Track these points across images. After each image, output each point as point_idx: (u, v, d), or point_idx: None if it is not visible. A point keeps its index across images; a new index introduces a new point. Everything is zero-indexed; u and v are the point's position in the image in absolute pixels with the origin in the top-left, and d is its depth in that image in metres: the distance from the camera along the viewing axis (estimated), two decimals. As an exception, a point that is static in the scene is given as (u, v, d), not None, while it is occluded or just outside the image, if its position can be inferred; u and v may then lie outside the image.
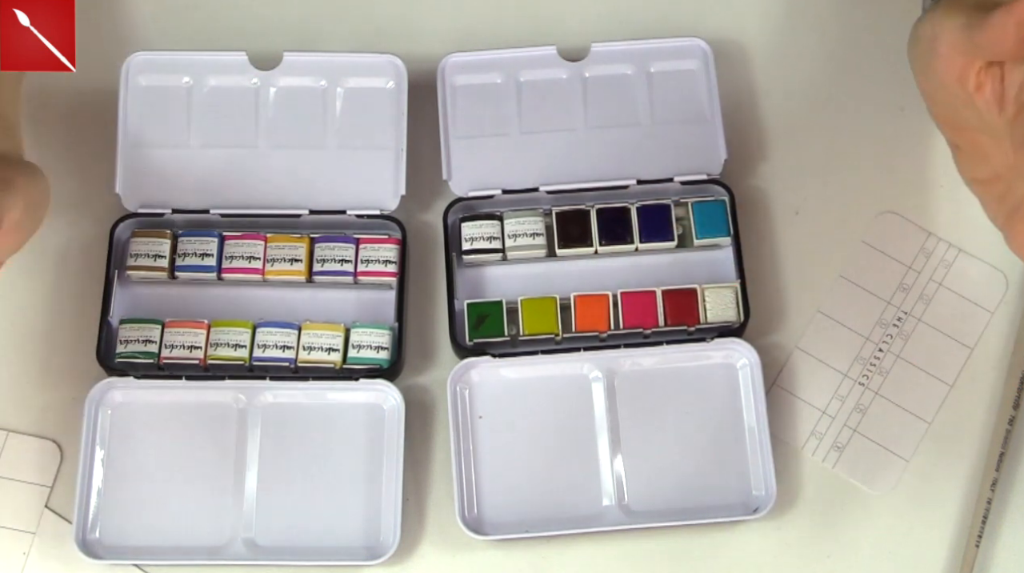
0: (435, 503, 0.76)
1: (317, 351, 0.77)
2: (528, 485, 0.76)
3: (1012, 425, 0.76)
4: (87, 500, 0.75)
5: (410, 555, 0.76)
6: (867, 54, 0.85)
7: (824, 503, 0.76)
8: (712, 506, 0.75)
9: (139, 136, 0.81)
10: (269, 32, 0.85)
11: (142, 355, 0.77)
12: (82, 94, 0.84)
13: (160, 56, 0.81)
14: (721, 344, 0.77)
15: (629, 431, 0.76)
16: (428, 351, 0.80)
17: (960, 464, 0.77)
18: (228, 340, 0.77)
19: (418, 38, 0.85)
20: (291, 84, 0.82)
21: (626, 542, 0.75)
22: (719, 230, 0.79)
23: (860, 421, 0.78)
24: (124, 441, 0.77)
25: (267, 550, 0.75)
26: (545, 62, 0.82)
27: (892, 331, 0.79)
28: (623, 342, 0.77)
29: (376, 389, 0.77)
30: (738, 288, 0.78)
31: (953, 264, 0.80)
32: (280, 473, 0.76)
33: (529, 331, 0.77)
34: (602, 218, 0.79)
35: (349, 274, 0.79)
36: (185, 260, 0.79)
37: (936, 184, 0.82)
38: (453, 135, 0.80)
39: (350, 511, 0.75)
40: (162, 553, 0.75)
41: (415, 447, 0.77)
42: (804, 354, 0.79)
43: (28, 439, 0.77)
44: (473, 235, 0.79)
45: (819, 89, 0.84)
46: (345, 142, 0.81)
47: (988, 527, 0.75)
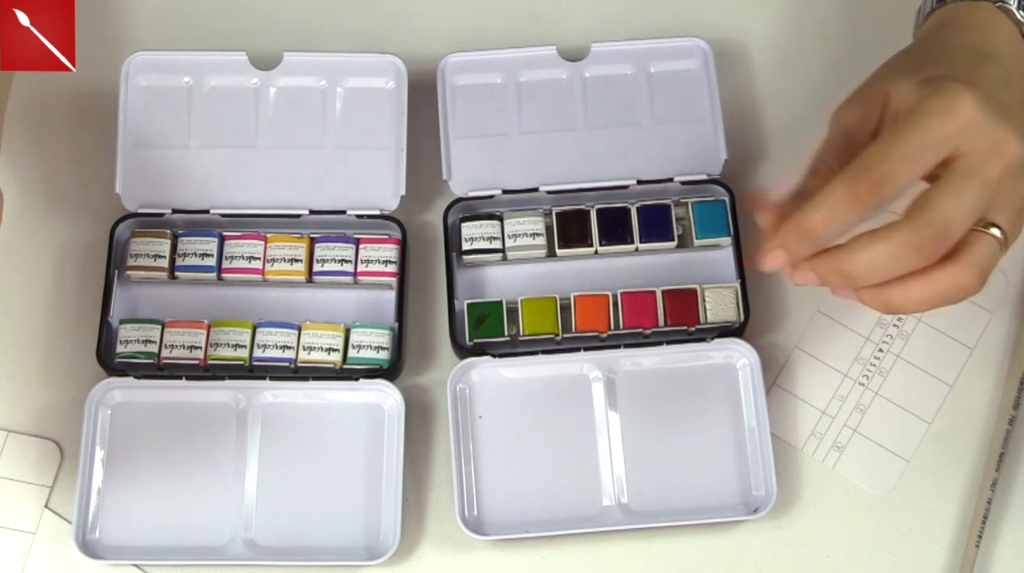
0: (435, 503, 0.76)
1: (317, 351, 0.77)
2: (528, 485, 0.76)
3: (1012, 425, 0.76)
4: (87, 500, 0.75)
5: (410, 555, 0.76)
6: (867, 54, 0.85)
7: (824, 503, 0.76)
8: (712, 506, 0.75)
9: (139, 136, 0.81)
10: (269, 32, 0.85)
11: (142, 355, 0.77)
12: (82, 94, 0.84)
13: (160, 56, 0.81)
14: (721, 344, 0.77)
15: (629, 431, 0.76)
16: (428, 351, 0.80)
17: (960, 464, 0.77)
18: (228, 340, 0.77)
19: (418, 38, 0.85)
20: (291, 84, 0.82)
21: (626, 542, 0.75)
22: (719, 230, 0.79)
23: (860, 421, 0.78)
24: (124, 441, 0.77)
25: (267, 550, 0.75)
26: (545, 62, 0.82)
27: (892, 331, 0.79)
28: (623, 342, 0.77)
29: (376, 389, 0.77)
30: (738, 288, 0.78)
31: (953, 264, 0.80)
32: (280, 473, 0.76)
33: (529, 331, 0.77)
34: (602, 218, 0.79)
35: (349, 274, 0.79)
36: (185, 260, 0.79)
37: (936, 184, 0.82)
38: (453, 135, 0.80)
39: (350, 511, 0.75)
40: (162, 553, 0.75)
41: (415, 447, 0.77)
42: (804, 354, 0.79)
43: (28, 439, 0.77)
44: (473, 235, 0.79)
45: (819, 89, 0.84)
46: (345, 142, 0.81)
47: (988, 527, 0.75)
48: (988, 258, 0.63)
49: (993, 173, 0.62)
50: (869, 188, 0.61)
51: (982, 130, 0.62)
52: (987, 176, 0.61)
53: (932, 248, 0.61)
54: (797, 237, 0.63)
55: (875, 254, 0.61)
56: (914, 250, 0.61)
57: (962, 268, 0.62)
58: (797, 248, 0.63)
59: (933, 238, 0.61)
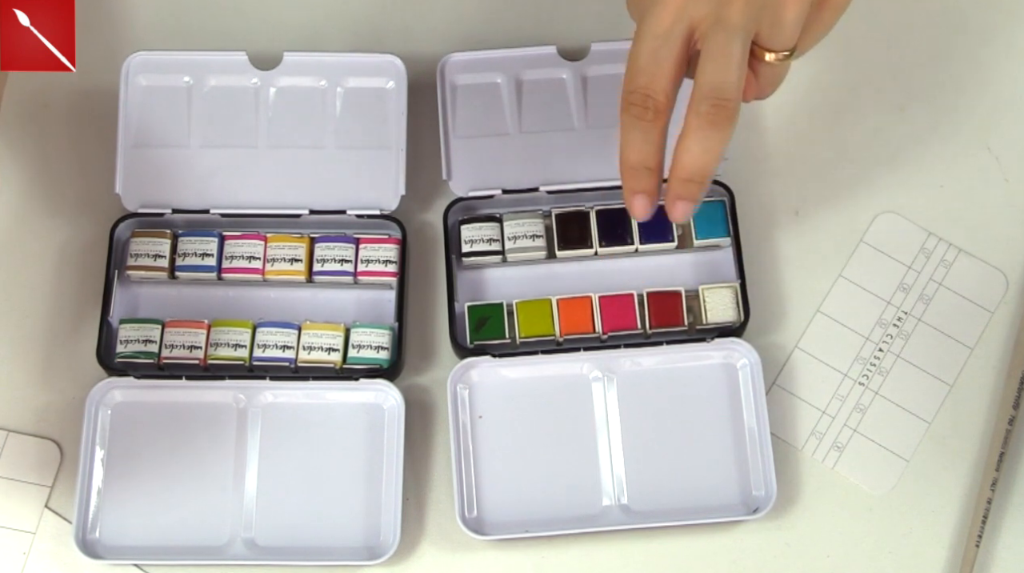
0: (435, 503, 0.77)
1: (317, 351, 0.77)
2: (528, 485, 0.76)
3: (1012, 425, 0.76)
4: (87, 500, 0.75)
5: (410, 555, 0.76)
6: (867, 54, 0.85)
7: (824, 503, 0.76)
8: (712, 506, 0.75)
9: (139, 136, 0.81)
10: (269, 32, 0.85)
11: (142, 355, 0.77)
12: (82, 94, 0.84)
13: (160, 56, 0.81)
14: (721, 344, 0.77)
15: (629, 431, 0.76)
16: (428, 351, 0.80)
17: (960, 464, 0.77)
18: (228, 340, 0.77)
19: (418, 38, 0.85)
20: (291, 84, 0.82)
21: (626, 542, 0.75)
22: (719, 230, 0.79)
23: (860, 421, 0.78)
24: (124, 441, 0.77)
25: (267, 550, 0.75)
26: (545, 62, 0.82)
27: (892, 331, 0.79)
28: (623, 342, 0.77)
29: (376, 389, 0.77)
30: (738, 288, 0.78)
31: (953, 264, 0.80)
32: (280, 473, 0.76)
33: (525, 333, 0.77)
34: (602, 219, 0.79)
35: (349, 274, 0.79)
36: (185, 260, 0.79)
37: (936, 184, 0.82)
38: (453, 135, 0.80)
39: (350, 511, 0.75)
40: (162, 553, 0.75)
41: (415, 447, 0.77)
42: (804, 354, 0.79)
43: (28, 439, 0.77)
44: (473, 238, 0.79)
45: (819, 89, 0.84)
46: (345, 142, 0.81)
47: (988, 527, 0.75)
48: (774, 77, 0.68)
49: (735, 18, 0.64)
50: (638, 99, 0.66)
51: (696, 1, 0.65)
52: (731, 24, 0.64)
53: (724, 116, 0.64)
54: (630, 176, 0.68)
55: (691, 148, 0.65)
56: (712, 125, 0.64)
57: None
58: (643, 185, 0.68)
59: (718, 108, 0.64)
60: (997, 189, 0.82)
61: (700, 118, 0.64)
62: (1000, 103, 0.84)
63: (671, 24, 0.65)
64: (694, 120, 0.64)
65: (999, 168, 0.82)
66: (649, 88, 0.65)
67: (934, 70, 0.84)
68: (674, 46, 0.65)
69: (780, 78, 0.69)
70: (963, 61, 0.84)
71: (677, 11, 0.65)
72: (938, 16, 0.85)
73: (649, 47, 0.65)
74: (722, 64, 0.64)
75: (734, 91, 0.64)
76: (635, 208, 0.69)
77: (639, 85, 0.66)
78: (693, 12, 0.64)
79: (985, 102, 0.84)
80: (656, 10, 0.65)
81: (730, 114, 0.64)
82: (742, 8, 0.64)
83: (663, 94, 0.65)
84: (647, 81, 0.65)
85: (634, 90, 0.66)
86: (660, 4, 0.65)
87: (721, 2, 0.64)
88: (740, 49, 0.64)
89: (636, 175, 0.68)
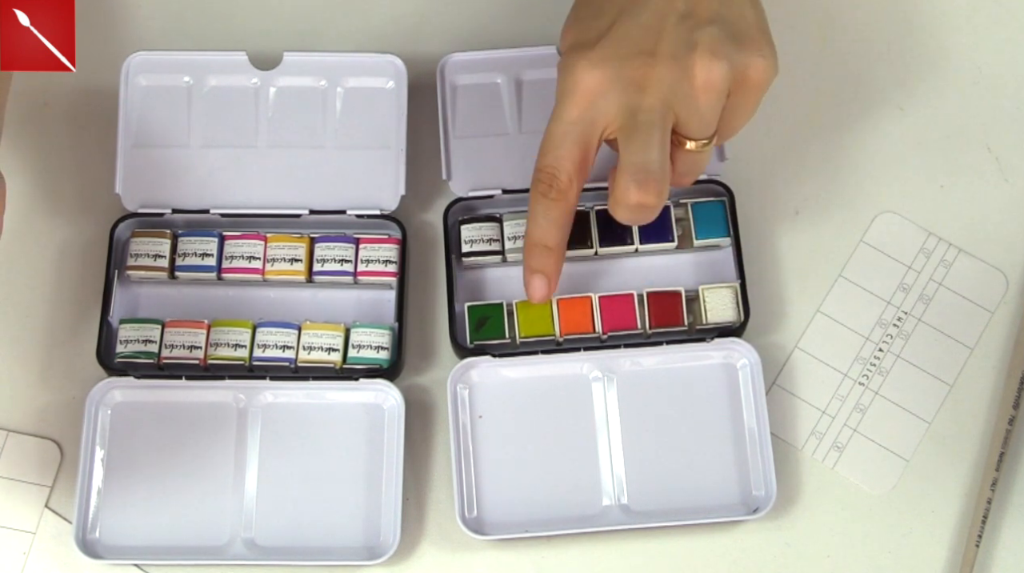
0: (435, 503, 0.77)
1: (317, 351, 0.77)
2: (528, 485, 0.76)
3: (1012, 425, 0.76)
4: (87, 500, 0.75)
5: (410, 555, 0.76)
6: (867, 54, 0.85)
7: (824, 503, 0.76)
8: (712, 506, 0.75)
9: (139, 136, 0.81)
10: (269, 32, 0.85)
11: (142, 355, 0.77)
12: (82, 94, 0.84)
13: (160, 56, 0.81)
14: (721, 344, 0.77)
15: (629, 431, 0.76)
16: (428, 351, 0.80)
17: (960, 464, 0.77)
18: (228, 340, 0.77)
19: (418, 38, 0.85)
20: (291, 84, 0.82)
21: (626, 542, 0.75)
22: (719, 230, 0.79)
23: (860, 421, 0.78)
24: (124, 441, 0.77)
25: (267, 550, 0.75)
26: (545, 61, 0.82)
27: (892, 331, 0.79)
28: (623, 342, 0.77)
29: (376, 389, 0.77)
30: (738, 288, 0.78)
31: (953, 264, 0.80)
32: (280, 473, 0.76)
33: (525, 333, 0.77)
34: (602, 219, 0.79)
35: (349, 274, 0.79)
36: (185, 260, 0.79)
37: (936, 184, 0.82)
38: (453, 135, 0.80)
39: (350, 511, 0.75)
40: (162, 553, 0.75)
41: (415, 447, 0.77)
42: (804, 354, 0.79)
43: (28, 439, 0.77)
44: (472, 238, 0.79)
45: (819, 89, 0.84)
46: (345, 142, 0.81)
47: (988, 527, 0.75)
48: (695, 165, 0.71)
49: (651, 104, 0.66)
50: (544, 178, 0.69)
51: (607, 94, 0.67)
52: (647, 110, 0.66)
53: (649, 191, 0.67)
54: (529, 253, 0.72)
55: (624, 211, 0.68)
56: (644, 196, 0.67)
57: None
58: (540, 263, 0.72)
59: (644, 183, 0.67)
60: (997, 189, 0.82)
61: (626, 191, 0.67)
62: (1000, 103, 0.84)
63: (579, 115, 0.68)
64: (615, 194, 0.68)
65: (999, 168, 0.82)
66: (554, 168, 0.69)
67: (934, 70, 0.84)
68: (582, 133, 0.68)
69: (701, 166, 0.72)
70: (963, 61, 0.84)
71: (588, 104, 0.67)
72: (938, 16, 0.85)
73: (559, 130, 0.69)
74: (643, 145, 0.67)
75: (658, 167, 0.67)
76: (530, 289, 0.73)
77: (545, 164, 0.70)
78: (604, 107, 0.67)
79: (985, 102, 0.84)
80: (567, 100, 0.68)
81: (660, 188, 0.67)
82: (657, 96, 0.66)
83: (566, 175, 0.69)
84: (552, 162, 0.69)
85: (541, 168, 0.69)
86: (571, 95, 0.68)
87: (635, 92, 0.66)
88: (660, 133, 0.67)
89: (534, 253, 0.72)
